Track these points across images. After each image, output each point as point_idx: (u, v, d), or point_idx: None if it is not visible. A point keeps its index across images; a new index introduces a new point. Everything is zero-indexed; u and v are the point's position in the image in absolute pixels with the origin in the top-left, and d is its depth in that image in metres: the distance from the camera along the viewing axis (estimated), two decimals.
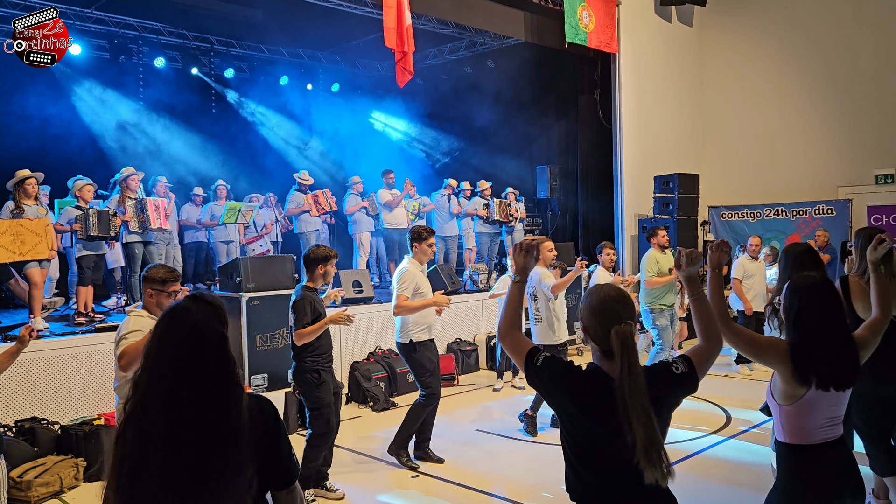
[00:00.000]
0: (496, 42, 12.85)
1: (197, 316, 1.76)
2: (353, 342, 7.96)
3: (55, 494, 5.10)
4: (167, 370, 1.70)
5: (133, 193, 7.92)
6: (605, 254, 7.56)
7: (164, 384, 1.69)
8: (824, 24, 12.12)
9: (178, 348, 1.72)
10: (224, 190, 10.13)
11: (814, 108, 12.32)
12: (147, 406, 1.69)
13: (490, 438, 6.31)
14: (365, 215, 10.59)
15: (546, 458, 5.68)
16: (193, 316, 1.76)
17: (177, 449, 1.65)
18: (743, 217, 12.77)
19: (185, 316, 1.76)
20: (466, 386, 8.46)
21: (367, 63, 15.05)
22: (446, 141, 14.84)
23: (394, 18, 8.81)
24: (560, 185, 12.90)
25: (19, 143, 9.91)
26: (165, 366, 1.71)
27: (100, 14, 11.22)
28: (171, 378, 1.69)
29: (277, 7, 10.98)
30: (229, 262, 7.71)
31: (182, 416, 1.66)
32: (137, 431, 1.68)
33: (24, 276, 6.71)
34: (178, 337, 1.74)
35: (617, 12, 11.75)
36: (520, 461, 5.79)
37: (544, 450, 5.92)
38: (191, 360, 1.71)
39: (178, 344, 1.73)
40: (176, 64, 12.82)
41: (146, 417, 1.68)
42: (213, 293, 1.93)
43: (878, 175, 11.67)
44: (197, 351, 1.72)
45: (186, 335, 1.73)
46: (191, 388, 1.68)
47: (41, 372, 5.86)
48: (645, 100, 12.21)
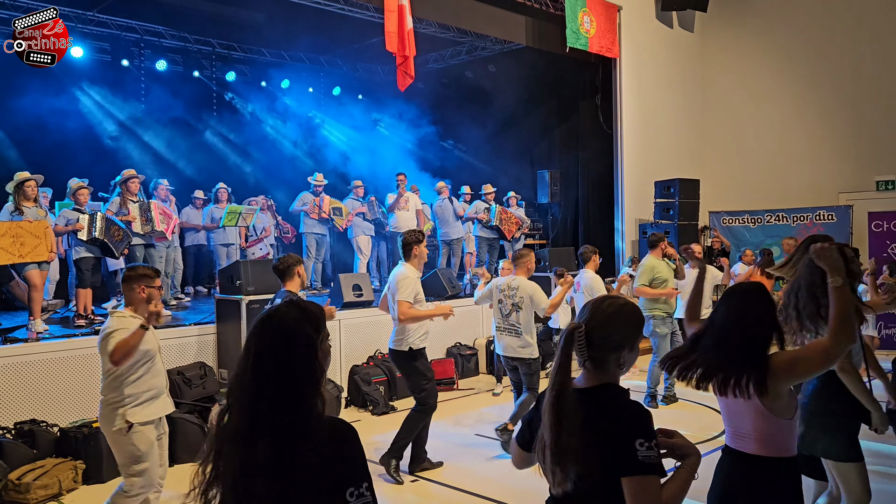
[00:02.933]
0: (497, 46, 12.86)
1: (288, 319, 1.83)
2: (353, 346, 7.95)
3: (54, 497, 5.09)
4: (254, 367, 1.78)
5: (133, 196, 7.92)
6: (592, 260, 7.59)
7: (251, 382, 1.77)
8: (825, 29, 12.13)
9: (267, 348, 1.80)
10: (225, 193, 10.13)
11: (815, 113, 12.32)
12: (234, 401, 1.79)
13: (489, 443, 6.29)
14: (363, 219, 10.59)
15: None
16: (285, 318, 1.84)
17: (253, 444, 1.73)
18: (744, 222, 12.76)
19: (278, 318, 1.84)
20: (466, 390, 8.45)
21: (368, 67, 15.07)
22: (447, 145, 14.85)
23: (395, 23, 8.82)
24: (561, 189, 12.90)
25: (20, 145, 9.93)
26: (254, 363, 1.79)
27: (101, 17, 11.24)
28: (255, 375, 1.77)
29: (279, 11, 10.99)
30: (229, 265, 7.71)
31: (261, 413, 1.74)
32: (228, 423, 1.78)
33: (23, 278, 6.70)
34: (268, 337, 1.81)
35: (618, 17, 11.77)
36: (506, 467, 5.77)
37: None
38: (277, 359, 1.78)
39: (267, 344, 1.80)
40: (177, 67, 12.84)
41: (232, 413, 1.79)
42: (311, 301, 1.97)
43: (879, 181, 11.67)
44: (283, 351, 1.79)
45: (275, 336, 1.81)
46: (273, 387, 1.76)
47: (40, 374, 5.86)
48: (646, 105, 12.21)
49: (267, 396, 1.75)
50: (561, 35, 10.85)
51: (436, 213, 11.21)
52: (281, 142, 14.07)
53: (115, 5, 10.92)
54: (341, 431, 1.84)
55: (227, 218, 9.42)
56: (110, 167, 10.31)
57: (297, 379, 1.78)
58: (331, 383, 7.11)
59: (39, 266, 6.60)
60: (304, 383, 1.79)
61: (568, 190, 13.21)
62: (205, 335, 7.05)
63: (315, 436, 1.76)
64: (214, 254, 10.07)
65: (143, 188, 8.37)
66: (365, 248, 10.61)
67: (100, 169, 9.77)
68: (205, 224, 9.93)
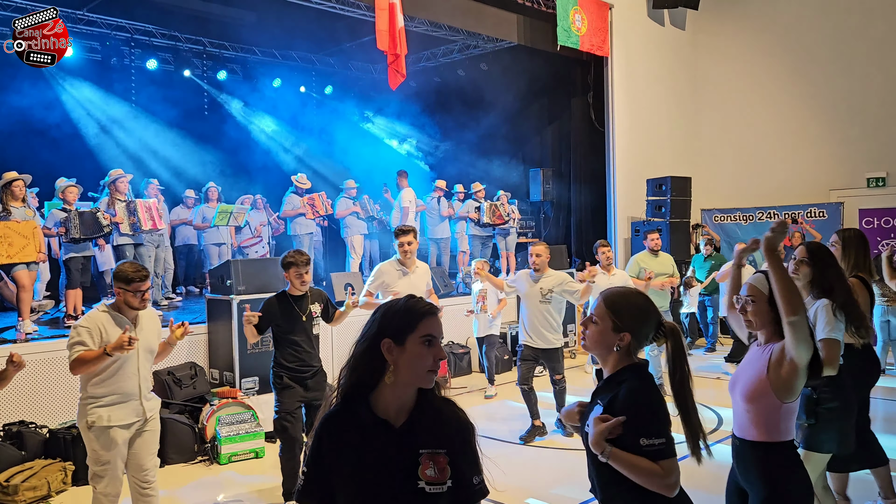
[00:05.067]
0: (489, 45, 12.86)
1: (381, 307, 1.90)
2: (346, 345, 7.90)
3: (43, 499, 5.06)
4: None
5: (122, 195, 7.87)
6: (601, 252, 7.52)
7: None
8: (816, 27, 12.16)
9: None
10: (215, 192, 10.09)
11: (806, 110, 12.36)
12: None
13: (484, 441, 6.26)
14: (357, 219, 10.57)
15: (536, 462, 5.67)
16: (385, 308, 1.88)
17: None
18: (735, 220, 12.80)
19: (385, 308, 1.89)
20: (458, 388, 8.43)
21: (360, 65, 15.04)
22: (439, 143, 14.84)
23: (386, 21, 8.80)
24: (553, 187, 12.91)
25: (7, 144, 9.86)
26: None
27: (91, 16, 11.18)
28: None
29: (270, 9, 10.96)
30: (221, 265, 7.66)
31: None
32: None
33: (12, 279, 6.66)
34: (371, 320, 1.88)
35: (609, 15, 11.76)
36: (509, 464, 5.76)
37: (535, 453, 5.92)
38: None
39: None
40: (168, 66, 12.79)
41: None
42: (423, 303, 1.93)
43: (869, 178, 11.71)
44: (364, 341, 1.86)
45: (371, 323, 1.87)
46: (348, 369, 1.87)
47: (29, 375, 5.80)
48: (637, 103, 12.22)
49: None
50: (552, 33, 10.84)
51: (426, 212, 11.21)
52: (272, 141, 14.03)
53: (106, 4, 10.88)
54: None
55: (218, 217, 9.38)
56: (99, 167, 10.27)
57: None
58: None
59: (28, 266, 6.54)
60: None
61: (560, 188, 13.22)
62: (196, 335, 7.01)
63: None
64: (205, 253, 10.03)
65: (132, 187, 8.32)
66: (358, 248, 10.59)
67: (89, 168, 9.73)
68: (195, 223, 9.89)
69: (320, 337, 5.42)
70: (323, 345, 7.25)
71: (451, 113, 14.05)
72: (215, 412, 6.11)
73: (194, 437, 6.00)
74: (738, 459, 2.72)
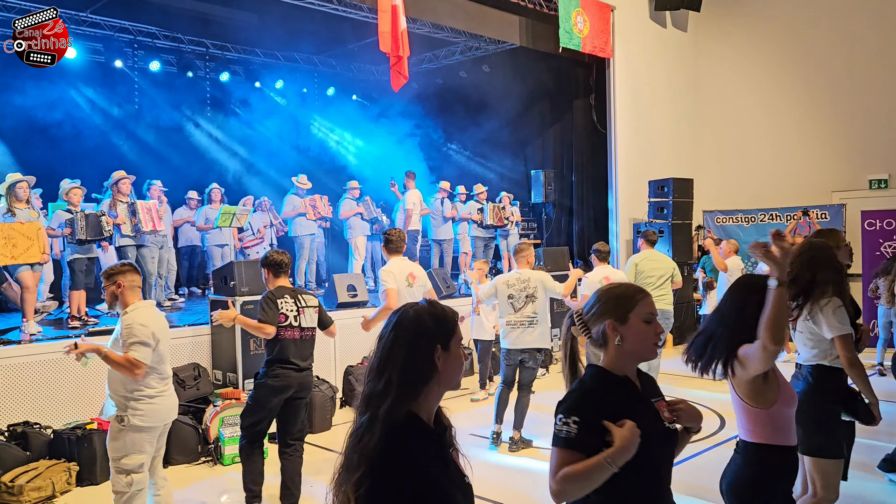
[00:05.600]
0: (491, 47, 12.87)
1: (409, 314, 1.89)
2: (348, 346, 7.94)
3: (47, 499, 5.08)
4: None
5: (125, 197, 7.90)
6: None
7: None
8: (818, 29, 12.17)
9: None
10: (218, 193, 10.12)
11: (808, 112, 12.37)
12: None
13: (483, 442, 6.29)
14: (360, 220, 10.59)
15: (526, 465, 5.68)
16: (406, 313, 1.90)
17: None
18: (737, 221, 12.80)
19: (402, 313, 1.90)
20: (460, 389, 8.42)
21: (362, 67, 15.06)
22: (441, 145, 14.85)
23: (389, 23, 8.82)
24: (555, 189, 12.92)
25: (12, 146, 9.89)
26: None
27: (95, 17, 11.21)
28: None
29: (273, 11, 10.99)
30: (223, 266, 7.69)
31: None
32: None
33: (16, 280, 6.68)
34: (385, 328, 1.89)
35: (612, 17, 11.77)
36: (500, 466, 5.78)
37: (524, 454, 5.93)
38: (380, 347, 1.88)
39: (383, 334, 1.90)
40: (171, 68, 12.82)
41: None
42: (446, 306, 1.97)
43: (871, 180, 11.72)
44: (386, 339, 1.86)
45: (392, 326, 1.88)
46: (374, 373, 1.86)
47: (34, 376, 5.84)
48: (639, 104, 12.23)
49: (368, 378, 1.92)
50: (554, 35, 10.86)
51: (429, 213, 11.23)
52: (275, 142, 14.05)
53: (109, 6, 10.91)
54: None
55: (221, 219, 9.41)
56: (103, 168, 10.29)
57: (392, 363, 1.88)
58: (325, 384, 7.11)
59: (32, 267, 6.57)
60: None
61: (562, 189, 13.23)
62: (199, 336, 7.03)
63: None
64: (208, 254, 10.04)
65: (135, 189, 8.35)
66: (361, 249, 10.62)
67: (93, 170, 9.74)
68: (199, 225, 9.91)
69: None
70: (323, 345, 7.28)
71: (453, 115, 14.07)
72: (218, 413, 6.12)
73: (198, 437, 6.02)
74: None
